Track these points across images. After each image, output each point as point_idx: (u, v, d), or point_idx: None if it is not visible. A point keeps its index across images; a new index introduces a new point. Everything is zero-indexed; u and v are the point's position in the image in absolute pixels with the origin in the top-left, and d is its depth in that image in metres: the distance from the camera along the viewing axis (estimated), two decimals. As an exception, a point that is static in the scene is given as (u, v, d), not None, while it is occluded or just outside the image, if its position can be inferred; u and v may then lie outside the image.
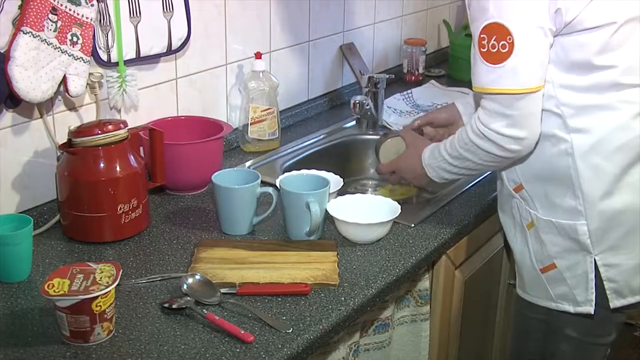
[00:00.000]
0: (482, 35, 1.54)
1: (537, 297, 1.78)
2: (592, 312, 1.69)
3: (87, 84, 1.78)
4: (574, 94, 1.59)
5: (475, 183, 2.05)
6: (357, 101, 2.31)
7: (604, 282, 1.67)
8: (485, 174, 2.05)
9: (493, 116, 1.58)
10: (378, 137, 2.14)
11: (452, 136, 1.73)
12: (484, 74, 1.56)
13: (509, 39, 1.51)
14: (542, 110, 1.60)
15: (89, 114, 1.85)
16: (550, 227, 1.69)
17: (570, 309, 1.72)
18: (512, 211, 1.78)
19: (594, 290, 1.68)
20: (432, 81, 2.89)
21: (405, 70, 2.93)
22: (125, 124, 1.74)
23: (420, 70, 2.92)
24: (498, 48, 1.52)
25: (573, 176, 1.63)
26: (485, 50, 1.54)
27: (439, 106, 2.62)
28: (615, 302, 1.69)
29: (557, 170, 1.65)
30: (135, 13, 1.87)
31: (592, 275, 1.67)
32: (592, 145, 1.61)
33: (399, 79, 2.89)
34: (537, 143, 1.63)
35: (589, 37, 1.56)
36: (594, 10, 1.54)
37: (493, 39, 1.52)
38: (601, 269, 1.66)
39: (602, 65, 1.57)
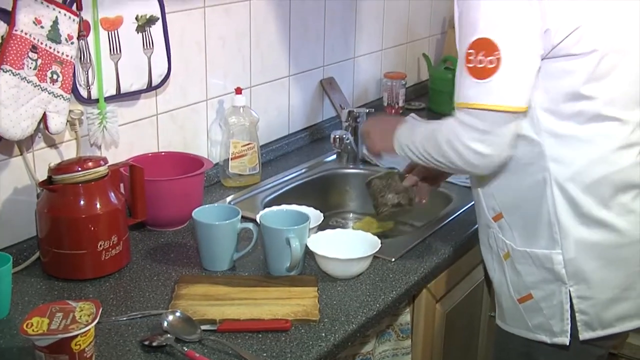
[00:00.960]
0: (470, 50, 1.54)
1: (515, 327, 1.78)
2: (567, 343, 1.70)
3: (68, 121, 1.78)
4: (556, 122, 1.61)
5: (455, 216, 2.06)
6: (337, 136, 2.32)
7: (576, 314, 1.68)
8: (466, 206, 2.07)
9: (466, 129, 1.57)
10: (358, 171, 2.16)
11: (427, 127, 1.73)
12: (468, 88, 1.56)
13: (496, 54, 1.51)
14: (524, 137, 1.61)
15: (69, 151, 1.86)
16: (526, 257, 1.70)
17: (547, 339, 1.72)
18: (489, 241, 1.79)
19: (569, 321, 1.69)
20: (412, 114, 2.88)
21: (385, 104, 2.95)
22: (105, 160, 1.74)
23: (400, 104, 2.94)
24: (485, 63, 1.52)
25: (550, 205, 1.64)
26: (472, 65, 1.54)
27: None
28: (584, 335, 1.69)
29: (535, 199, 1.66)
30: (115, 50, 1.89)
31: (568, 306, 1.68)
32: (570, 176, 1.62)
33: (379, 113, 2.91)
34: (504, 167, 1.65)
35: (574, 65, 1.57)
36: (580, 37, 1.55)
37: (481, 54, 1.52)
38: (574, 301, 1.67)
39: (586, 94, 1.59)
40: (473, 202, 1.83)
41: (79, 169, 1.67)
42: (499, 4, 1.51)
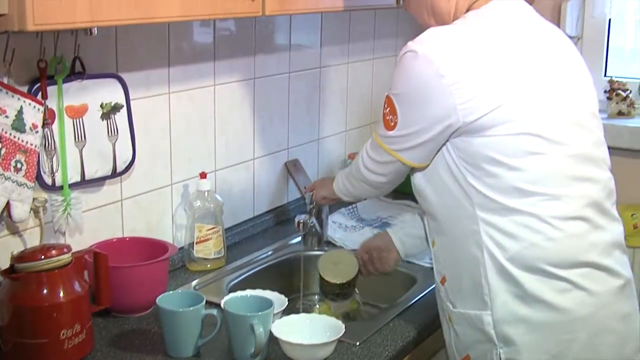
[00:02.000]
0: (385, 101, 1.73)
1: None
2: None
3: (31, 208, 1.79)
4: (486, 193, 1.65)
5: (420, 298, 2.08)
6: (301, 220, 2.34)
7: None
8: (431, 287, 2.08)
9: (374, 149, 1.82)
10: (323, 253, 2.18)
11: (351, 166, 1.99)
12: (380, 128, 1.77)
13: (395, 118, 1.70)
14: (458, 205, 1.69)
15: (32, 238, 1.86)
16: (462, 318, 1.75)
17: None
18: (441, 305, 1.85)
19: None
20: None
21: (349, 185, 2.97)
22: (69, 248, 1.74)
23: (365, 184, 2.97)
24: (389, 119, 1.72)
25: (481, 267, 1.68)
26: (384, 112, 1.74)
27: (383, 220, 2.68)
28: None
29: (469, 262, 1.70)
30: (80, 137, 1.90)
31: None
32: (499, 242, 1.66)
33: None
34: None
35: (495, 141, 1.63)
36: (496, 119, 1.61)
37: (388, 109, 1.72)
38: None
39: (511, 167, 1.63)
40: (436, 284, 1.87)
41: (42, 257, 1.67)
42: (410, 84, 1.66)
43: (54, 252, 1.69)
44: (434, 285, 2.02)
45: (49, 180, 1.85)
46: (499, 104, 1.61)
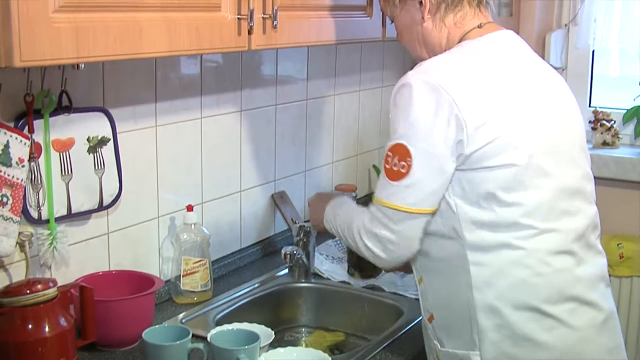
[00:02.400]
0: (388, 153, 1.68)
1: None
2: None
3: (17, 242, 1.78)
4: (477, 229, 1.66)
5: (407, 330, 2.07)
6: (288, 252, 2.34)
7: None
8: (417, 319, 2.08)
9: (374, 222, 1.71)
10: (310, 285, 2.18)
11: (348, 210, 1.90)
12: (383, 187, 1.70)
13: (409, 161, 1.64)
14: (447, 241, 1.69)
15: (18, 272, 1.85)
16: (450, 358, 1.74)
17: None
18: (429, 343, 1.84)
19: None
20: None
21: (336, 216, 2.98)
22: (54, 282, 1.74)
23: (352, 216, 2.98)
24: (398, 167, 1.65)
25: (470, 307, 1.68)
26: (388, 166, 1.67)
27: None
28: None
29: (458, 301, 1.71)
30: (66, 171, 1.91)
31: None
32: (488, 279, 1.67)
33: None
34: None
35: (492, 174, 1.63)
36: (494, 150, 1.62)
37: (396, 157, 1.65)
38: None
39: (506, 201, 1.64)
40: (423, 315, 1.87)
41: (28, 291, 1.67)
42: (418, 115, 1.63)
43: (39, 286, 1.69)
44: (421, 317, 2.02)
45: (35, 214, 1.85)
46: (498, 134, 1.62)
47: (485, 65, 1.71)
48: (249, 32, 1.79)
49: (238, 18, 1.76)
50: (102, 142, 1.97)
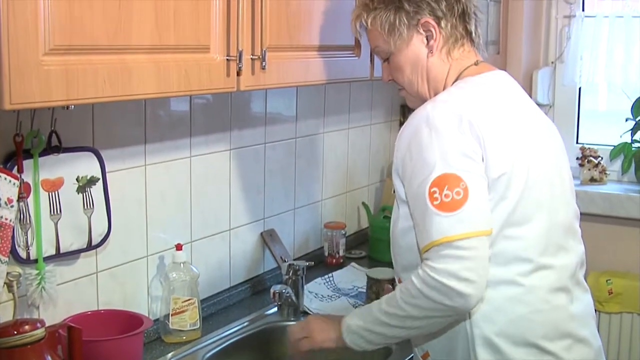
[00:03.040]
0: (432, 189, 1.58)
1: None
2: None
3: (5, 283, 1.78)
4: None
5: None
6: (277, 291, 2.34)
7: None
8: (407, 358, 2.08)
9: (447, 262, 1.56)
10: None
11: (386, 296, 1.71)
12: (440, 224, 1.57)
13: (462, 185, 1.57)
14: None
15: (5, 312, 1.84)
16: None
17: None
18: None
19: None
20: (353, 263, 2.96)
21: (326, 254, 2.98)
22: (42, 323, 1.73)
23: (341, 253, 2.98)
24: (452, 196, 1.57)
25: (470, 343, 1.68)
26: (438, 202, 1.57)
27: (359, 289, 2.68)
28: None
29: (456, 337, 1.70)
30: (55, 211, 1.91)
31: None
32: (488, 315, 1.66)
33: (320, 262, 2.94)
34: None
35: (495, 206, 1.64)
36: (506, 182, 1.64)
37: (446, 188, 1.57)
38: None
39: (507, 235, 1.65)
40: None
41: (15, 332, 1.66)
42: (449, 140, 1.60)
43: (27, 327, 1.69)
44: (411, 355, 2.02)
45: (23, 254, 1.85)
46: (506, 168, 1.64)
47: (491, 100, 1.74)
48: (238, 73, 1.81)
49: (227, 59, 1.77)
50: (92, 181, 1.98)
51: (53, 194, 1.90)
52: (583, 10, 3.50)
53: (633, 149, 3.37)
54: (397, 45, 1.82)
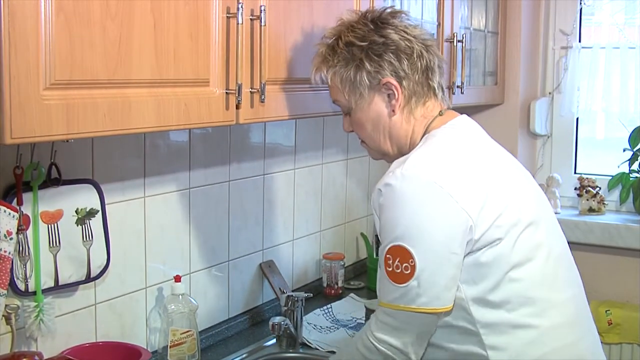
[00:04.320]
0: (387, 255, 1.63)
1: None
2: None
3: (3, 315, 1.78)
4: (488, 311, 1.66)
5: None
6: (276, 322, 2.34)
7: None
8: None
9: (386, 330, 1.66)
10: (298, 355, 2.18)
11: (346, 346, 1.81)
12: (387, 291, 1.65)
13: (412, 262, 1.59)
14: (460, 328, 1.66)
15: (3, 345, 1.84)
16: None
17: None
18: None
19: None
20: (352, 294, 2.95)
21: (325, 284, 2.98)
22: (40, 355, 1.73)
23: (340, 284, 2.98)
24: (401, 269, 1.60)
25: None
26: (390, 269, 1.62)
27: (358, 320, 2.67)
28: None
29: None
30: (54, 243, 1.91)
31: None
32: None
33: (319, 293, 2.94)
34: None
35: (497, 252, 1.64)
36: (501, 223, 1.64)
37: (397, 260, 1.61)
38: None
39: (512, 277, 1.65)
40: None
41: (13, 365, 1.66)
42: (414, 213, 1.61)
43: (25, 359, 1.68)
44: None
45: (22, 286, 1.85)
46: (499, 212, 1.64)
47: (462, 150, 1.73)
48: (237, 107, 1.81)
49: (226, 93, 1.78)
50: (91, 213, 1.98)
51: (52, 226, 1.91)
52: (580, 41, 3.53)
53: (631, 179, 3.38)
54: (358, 104, 1.81)
